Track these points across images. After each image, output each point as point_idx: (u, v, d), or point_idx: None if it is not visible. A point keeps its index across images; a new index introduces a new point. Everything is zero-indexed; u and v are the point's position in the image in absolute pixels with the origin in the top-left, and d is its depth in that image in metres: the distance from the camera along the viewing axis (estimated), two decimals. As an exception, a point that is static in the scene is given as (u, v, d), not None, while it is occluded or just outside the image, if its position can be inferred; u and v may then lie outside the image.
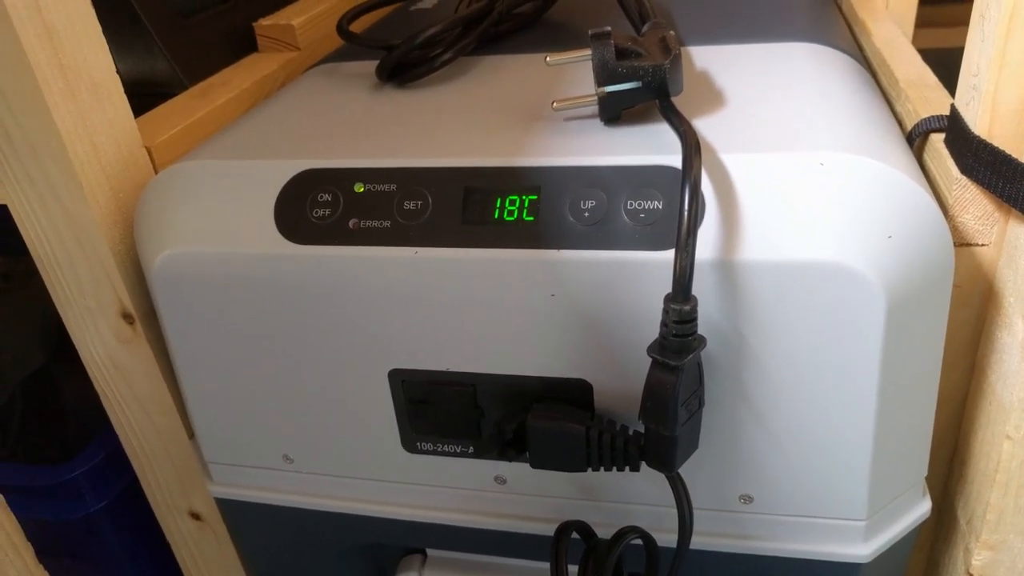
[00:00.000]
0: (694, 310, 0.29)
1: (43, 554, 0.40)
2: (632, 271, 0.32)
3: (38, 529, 0.51)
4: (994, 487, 0.37)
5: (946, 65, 0.44)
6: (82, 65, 0.37)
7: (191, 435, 0.44)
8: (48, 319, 0.45)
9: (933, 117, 0.39)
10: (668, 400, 0.30)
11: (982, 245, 0.36)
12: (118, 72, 0.39)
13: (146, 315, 0.41)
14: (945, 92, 0.43)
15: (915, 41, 0.51)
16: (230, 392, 0.39)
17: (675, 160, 0.32)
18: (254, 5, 0.58)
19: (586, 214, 0.32)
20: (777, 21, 0.47)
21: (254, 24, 0.56)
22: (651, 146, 0.33)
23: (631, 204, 0.32)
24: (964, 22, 0.35)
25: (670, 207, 0.31)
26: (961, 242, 0.36)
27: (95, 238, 0.39)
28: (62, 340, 0.44)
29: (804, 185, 0.30)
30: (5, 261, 0.61)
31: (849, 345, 0.31)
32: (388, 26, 0.58)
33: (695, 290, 0.30)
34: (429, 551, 0.46)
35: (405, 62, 0.43)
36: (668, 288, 0.30)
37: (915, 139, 0.40)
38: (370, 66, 0.47)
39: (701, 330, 0.31)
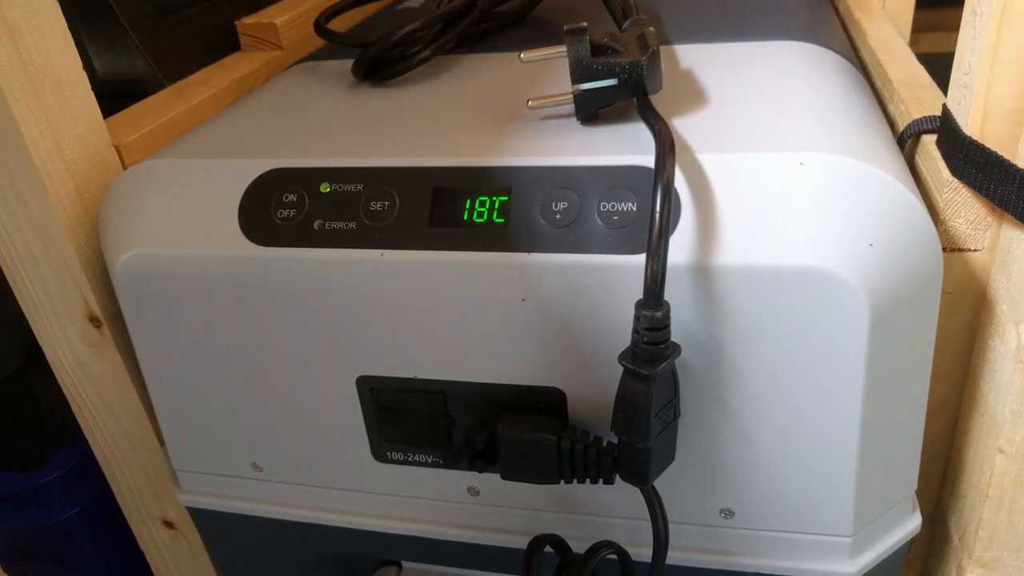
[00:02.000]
0: (666, 316, 0.28)
1: (15, 559, 0.39)
2: (605, 275, 0.30)
3: (10, 535, 0.50)
4: (987, 502, 0.35)
5: (946, 71, 0.43)
6: (45, 61, 0.36)
7: (162, 442, 0.43)
8: (24, 320, 0.44)
9: (925, 118, 0.38)
10: (640, 411, 0.29)
11: (975, 250, 0.34)
12: (95, 71, 0.38)
13: (113, 318, 0.40)
14: (939, 93, 0.42)
15: (915, 46, 0.49)
16: (196, 397, 0.38)
17: (650, 160, 0.31)
18: (237, 4, 0.57)
19: (558, 216, 0.31)
20: (768, 19, 0.46)
21: (236, 23, 0.55)
22: (626, 146, 0.32)
23: (604, 206, 0.31)
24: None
25: (644, 209, 0.30)
26: (953, 247, 0.34)
27: (60, 239, 0.38)
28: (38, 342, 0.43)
29: (783, 186, 0.29)
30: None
31: (832, 354, 0.30)
32: (373, 25, 0.56)
33: (669, 296, 0.29)
34: (404, 563, 0.45)
35: (382, 60, 0.42)
36: (642, 293, 0.28)
37: (907, 141, 0.39)
38: (350, 65, 0.46)
39: (677, 338, 0.30)
